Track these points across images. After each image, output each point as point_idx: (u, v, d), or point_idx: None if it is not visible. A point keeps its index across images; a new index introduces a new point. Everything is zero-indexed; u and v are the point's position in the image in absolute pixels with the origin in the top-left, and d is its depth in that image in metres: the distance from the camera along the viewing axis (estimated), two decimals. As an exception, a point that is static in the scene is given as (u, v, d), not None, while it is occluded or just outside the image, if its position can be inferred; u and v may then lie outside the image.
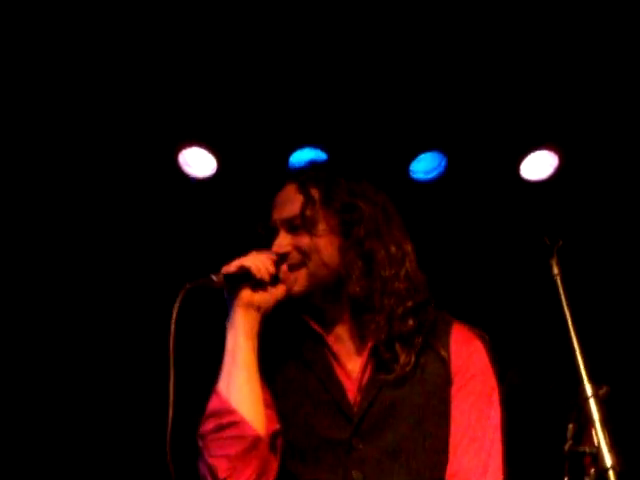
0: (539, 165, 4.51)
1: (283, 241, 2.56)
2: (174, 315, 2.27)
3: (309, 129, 4.53)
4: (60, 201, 4.72)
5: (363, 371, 2.50)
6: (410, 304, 2.51)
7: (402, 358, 2.46)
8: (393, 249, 2.56)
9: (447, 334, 2.54)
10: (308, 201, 2.56)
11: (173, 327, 2.26)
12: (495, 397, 2.49)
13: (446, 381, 2.48)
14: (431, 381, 2.48)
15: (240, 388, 2.36)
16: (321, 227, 2.55)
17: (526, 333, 4.54)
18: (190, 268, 4.50)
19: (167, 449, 2.18)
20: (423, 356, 2.49)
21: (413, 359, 2.47)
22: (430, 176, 4.64)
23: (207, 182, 4.74)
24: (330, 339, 2.57)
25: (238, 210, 4.75)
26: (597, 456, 1.96)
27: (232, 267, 2.43)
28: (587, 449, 1.98)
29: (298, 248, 2.54)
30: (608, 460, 1.94)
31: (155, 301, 4.38)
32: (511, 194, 4.50)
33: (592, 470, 1.97)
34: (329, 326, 2.59)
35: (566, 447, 2.02)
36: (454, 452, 2.42)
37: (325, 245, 2.54)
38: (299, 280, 2.53)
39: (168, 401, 2.17)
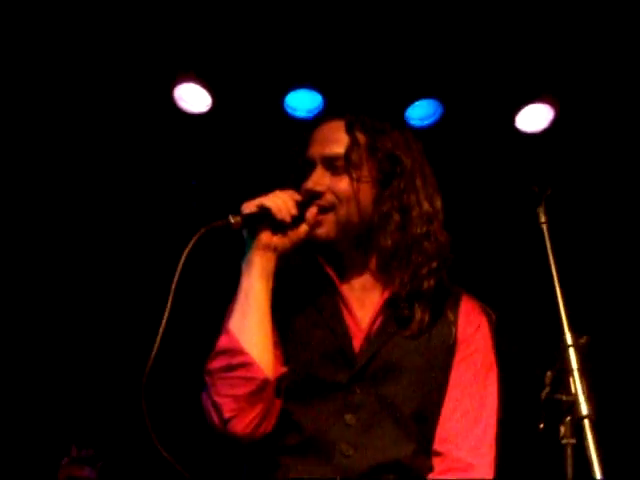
0: (535, 117, 4.50)
1: (320, 179, 2.48)
2: (182, 259, 2.18)
3: (305, 70, 4.52)
4: (57, 139, 4.71)
5: (373, 322, 2.48)
6: (435, 265, 2.48)
7: (417, 316, 2.45)
8: (426, 206, 2.51)
9: (457, 303, 2.54)
10: (354, 144, 2.50)
11: (179, 270, 2.18)
12: (493, 376, 2.50)
13: (449, 348, 2.48)
14: (436, 345, 2.46)
15: (252, 328, 2.32)
16: (363, 173, 2.48)
17: (510, 280, 4.57)
18: (185, 204, 4.85)
19: (142, 387, 2.14)
20: (433, 319, 2.48)
21: (426, 319, 2.46)
22: (425, 123, 4.62)
23: (202, 117, 4.71)
24: (344, 286, 2.54)
25: (233, 146, 4.84)
26: (574, 404, 1.98)
27: (252, 207, 2.34)
28: (564, 397, 1.99)
29: (334, 190, 2.47)
30: (584, 409, 1.96)
31: (151, 237, 4.91)
32: (506, 145, 4.50)
33: (568, 418, 1.98)
34: (345, 273, 2.56)
35: (543, 394, 2.03)
36: (447, 420, 2.43)
37: (363, 193, 2.48)
38: (326, 224, 2.47)
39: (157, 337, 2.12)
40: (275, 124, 4.65)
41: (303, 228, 2.42)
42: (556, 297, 2.09)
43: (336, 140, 2.51)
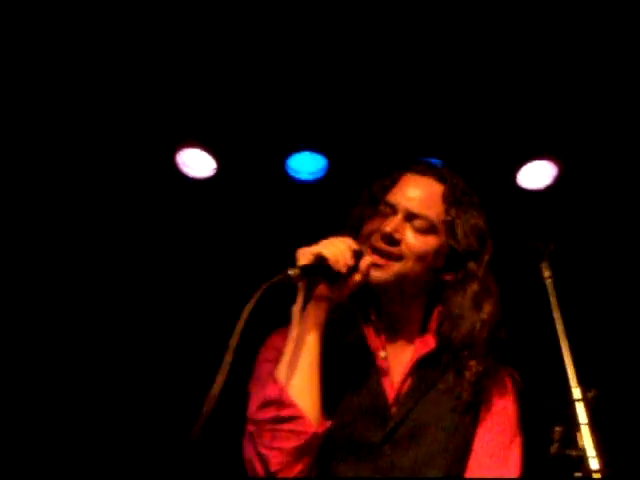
0: (537, 174, 4.50)
1: (399, 228, 2.49)
2: (244, 316, 2.06)
3: (308, 132, 4.51)
4: (58, 201, 4.66)
5: (404, 381, 2.50)
6: (478, 345, 2.50)
7: (446, 377, 2.49)
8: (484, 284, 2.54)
9: (483, 366, 2.52)
10: (447, 215, 2.53)
11: (240, 327, 2.04)
12: (518, 440, 2.50)
13: (476, 411, 2.49)
14: (463, 407, 2.47)
15: (302, 380, 2.29)
16: (440, 243, 2.53)
17: (516, 336, 4.48)
18: (189, 268, 4.80)
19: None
20: (460, 380, 2.49)
21: (455, 381, 2.48)
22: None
23: (206, 182, 4.70)
24: (380, 339, 2.55)
25: (237, 210, 4.79)
26: (583, 459, 1.97)
27: (308, 256, 2.30)
28: (574, 452, 1.99)
29: (409, 244, 2.49)
30: (594, 464, 1.95)
31: (156, 301, 4.77)
32: (508, 202, 4.47)
33: (578, 474, 1.98)
34: (383, 325, 2.57)
35: (552, 450, 2.03)
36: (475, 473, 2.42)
37: (434, 260, 2.52)
38: (387, 269, 2.47)
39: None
40: (278, 187, 4.66)
41: (357, 277, 2.40)
42: (562, 351, 2.10)
43: (430, 204, 2.53)
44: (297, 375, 2.29)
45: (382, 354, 2.53)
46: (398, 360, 2.54)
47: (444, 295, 2.57)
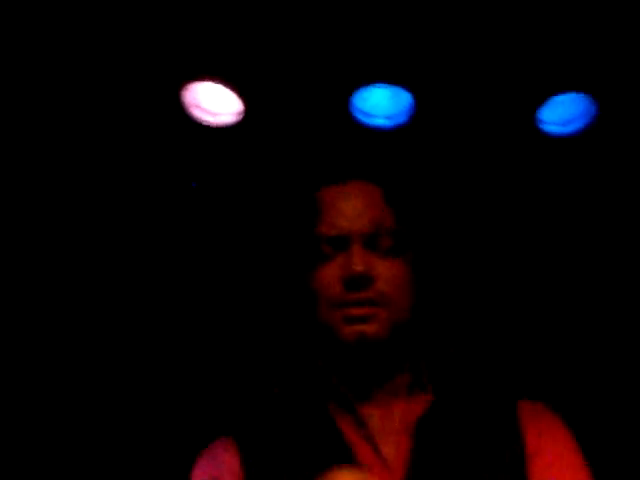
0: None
1: (367, 261, 2.07)
2: None
3: (385, 59, 3.23)
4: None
5: (403, 456, 2.05)
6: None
7: (464, 436, 2.08)
8: None
9: (514, 408, 2.19)
10: (402, 213, 2.15)
11: None
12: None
13: (519, 467, 2.07)
14: (500, 467, 2.05)
15: None
16: (408, 257, 2.15)
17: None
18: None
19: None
20: (486, 435, 2.10)
21: (477, 438, 2.08)
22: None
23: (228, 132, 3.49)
24: (363, 411, 2.11)
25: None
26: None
27: None
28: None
29: (386, 278, 2.07)
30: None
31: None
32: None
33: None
34: (363, 390, 2.13)
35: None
36: None
37: (412, 282, 2.16)
38: (377, 320, 2.05)
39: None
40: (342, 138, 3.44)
41: None
42: None
43: (378, 213, 2.12)
44: None
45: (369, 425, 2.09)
46: (387, 428, 2.10)
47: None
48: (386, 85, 3.23)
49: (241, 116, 3.39)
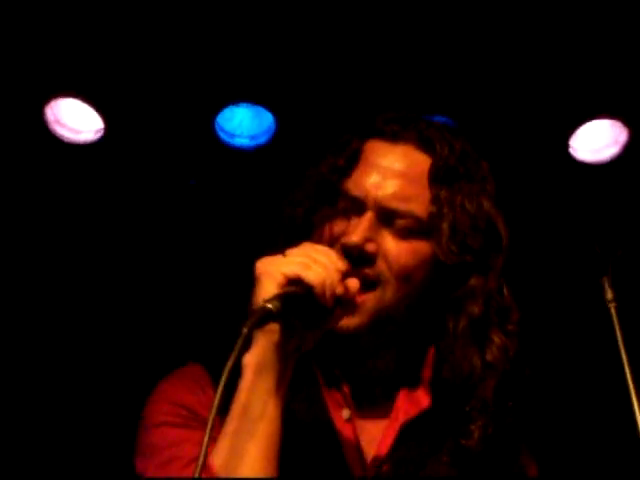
0: (597, 140, 3.37)
1: (370, 234, 1.87)
2: (229, 364, 1.58)
3: (248, 80, 3.30)
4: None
5: (384, 457, 1.93)
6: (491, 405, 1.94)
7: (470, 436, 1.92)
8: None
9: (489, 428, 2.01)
10: (436, 203, 1.90)
11: (225, 378, 1.55)
12: None
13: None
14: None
15: (252, 469, 1.73)
16: (429, 245, 1.92)
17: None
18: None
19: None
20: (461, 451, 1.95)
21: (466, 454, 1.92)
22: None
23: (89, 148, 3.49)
24: (344, 409, 1.97)
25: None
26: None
27: (279, 278, 1.71)
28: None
29: (388, 256, 1.88)
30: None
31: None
32: (555, 181, 3.45)
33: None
34: (349, 383, 1.99)
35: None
36: None
37: (421, 272, 1.92)
38: (362, 310, 1.87)
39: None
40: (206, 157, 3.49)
41: (337, 315, 1.81)
42: (630, 394, 1.76)
43: (414, 189, 1.91)
44: (245, 464, 1.73)
45: (346, 419, 1.96)
46: (375, 428, 1.98)
47: (439, 328, 2.00)
48: (249, 105, 3.29)
49: (101, 134, 3.40)
